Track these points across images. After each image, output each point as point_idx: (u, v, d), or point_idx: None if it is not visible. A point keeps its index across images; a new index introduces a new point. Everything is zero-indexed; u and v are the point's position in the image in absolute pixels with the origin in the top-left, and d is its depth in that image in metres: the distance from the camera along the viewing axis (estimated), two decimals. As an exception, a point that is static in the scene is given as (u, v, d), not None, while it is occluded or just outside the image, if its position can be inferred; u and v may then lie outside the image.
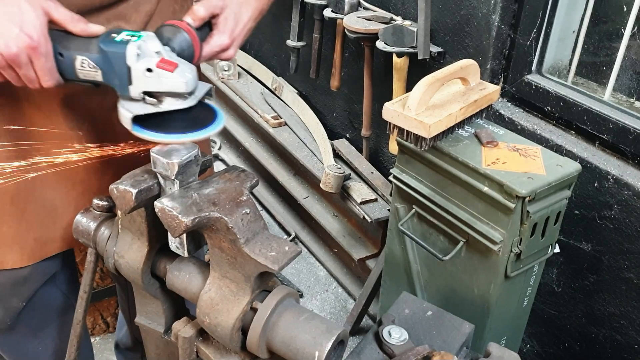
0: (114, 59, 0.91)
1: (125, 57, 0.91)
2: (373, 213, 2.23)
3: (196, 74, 0.96)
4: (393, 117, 1.51)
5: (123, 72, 0.92)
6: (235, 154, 3.43)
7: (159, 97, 0.94)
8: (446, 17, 2.01)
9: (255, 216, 0.90)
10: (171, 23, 1.00)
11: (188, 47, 1.00)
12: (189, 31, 1.00)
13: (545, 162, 1.48)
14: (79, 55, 0.92)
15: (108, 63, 0.92)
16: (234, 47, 1.14)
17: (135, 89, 0.93)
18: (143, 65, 0.91)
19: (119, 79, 0.92)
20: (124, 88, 0.93)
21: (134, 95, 0.93)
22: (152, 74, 0.91)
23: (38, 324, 1.39)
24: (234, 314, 0.90)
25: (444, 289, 1.71)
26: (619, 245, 1.64)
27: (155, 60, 0.92)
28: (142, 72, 0.91)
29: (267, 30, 3.36)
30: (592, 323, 1.80)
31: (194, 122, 0.97)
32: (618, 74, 1.70)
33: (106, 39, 0.92)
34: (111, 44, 0.91)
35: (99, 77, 0.93)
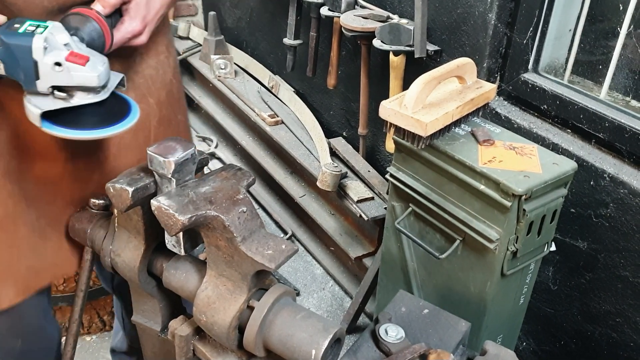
0: (18, 52, 0.85)
1: (30, 51, 0.84)
2: (370, 211, 2.23)
3: (108, 66, 0.91)
4: (390, 116, 1.51)
5: (29, 66, 0.85)
6: (231, 152, 3.43)
7: (70, 91, 0.89)
8: (443, 16, 2.01)
9: (251, 214, 0.90)
10: (78, 11, 0.93)
11: (98, 36, 0.94)
12: (98, 20, 0.94)
13: (542, 161, 1.48)
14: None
15: (11, 56, 0.85)
16: (147, 32, 1.06)
17: (42, 83, 0.87)
18: (51, 59, 0.85)
19: (24, 73, 0.86)
20: (30, 83, 0.87)
21: (41, 90, 0.88)
22: (62, 68, 0.86)
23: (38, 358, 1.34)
24: (230, 313, 0.90)
25: (440, 287, 1.71)
26: (614, 243, 1.65)
27: (64, 53, 0.86)
28: (50, 67, 0.86)
29: (264, 28, 3.35)
30: (588, 321, 1.81)
31: (108, 116, 0.92)
32: (614, 72, 1.71)
33: (8, 30, 0.85)
34: (14, 36, 0.85)
35: (0, 70, 0.87)
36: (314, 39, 2.59)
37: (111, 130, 0.92)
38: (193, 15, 4.21)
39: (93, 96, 0.90)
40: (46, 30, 0.85)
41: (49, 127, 0.89)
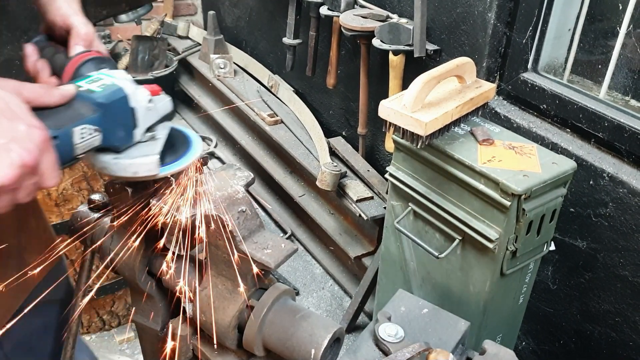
0: (118, 108, 0.77)
1: (127, 100, 0.78)
2: (369, 211, 2.23)
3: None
4: (389, 115, 1.51)
5: (127, 118, 0.79)
6: (231, 151, 3.43)
7: (152, 128, 0.84)
8: (442, 15, 2.01)
9: (251, 214, 0.90)
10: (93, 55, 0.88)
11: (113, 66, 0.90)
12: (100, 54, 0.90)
13: (541, 160, 1.48)
14: (76, 126, 0.73)
15: (111, 117, 0.76)
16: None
17: (140, 129, 0.81)
18: (144, 99, 0.80)
19: (124, 129, 0.79)
20: (128, 137, 0.80)
21: (138, 138, 0.81)
22: (152, 105, 0.82)
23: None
24: (230, 312, 0.90)
25: (439, 286, 1.71)
26: (614, 242, 1.65)
27: (142, 89, 0.81)
28: (145, 108, 0.80)
29: (264, 28, 3.35)
30: (588, 320, 1.81)
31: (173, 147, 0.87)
32: (613, 72, 1.71)
33: (96, 93, 0.76)
34: (109, 95, 0.76)
35: (96, 142, 0.76)
36: (314, 38, 2.59)
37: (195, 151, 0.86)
38: (192, 15, 4.21)
39: (168, 125, 0.86)
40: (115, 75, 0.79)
41: (167, 169, 0.82)
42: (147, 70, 3.53)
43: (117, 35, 3.91)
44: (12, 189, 0.65)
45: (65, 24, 0.94)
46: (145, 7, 3.19)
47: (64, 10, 0.95)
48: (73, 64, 0.86)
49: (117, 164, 0.79)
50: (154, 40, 3.57)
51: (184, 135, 0.89)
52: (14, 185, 0.65)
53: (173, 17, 4.07)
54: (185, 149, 0.86)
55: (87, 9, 1.90)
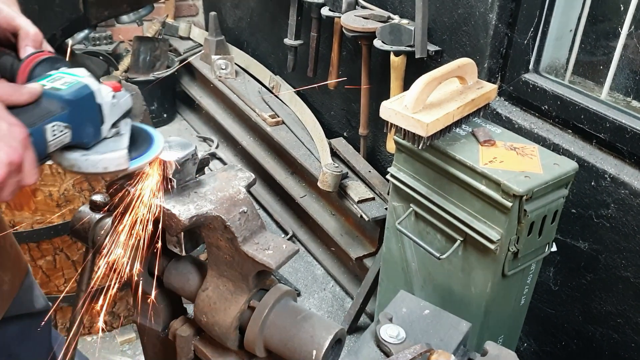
0: (85, 104, 0.78)
1: (94, 96, 0.79)
2: (370, 212, 2.23)
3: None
4: (390, 116, 1.51)
5: (94, 114, 0.80)
6: (232, 152, 3.43)
7: (116, 124, 0.84)
8: (444, 16, 2.01)
9: (252, 215, 0.90)
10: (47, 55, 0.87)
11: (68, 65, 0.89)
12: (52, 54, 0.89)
13: (543, 161, 1.48)
14: (48, 123, 0.74)
15: (79, 113, 0.77)
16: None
17: (107, 125, 0.82)
18: (108, 95, 0.81)
19: (92, 125, 0.80)
20: (96, 133, 0.81)
21: (106, 133, 0.82)
22: (115, 100, 0.82)
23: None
24: (231, 313, 0.90)
25: (441, 287, 1.71)
26: (615, 244, 1.65)
27: (104, 86, 0.81)
28: (110, 104, 0.81)
29: (265, 29, 3.36)
30: (589, 322, 1.81)
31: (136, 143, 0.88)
32: (615, 73, 1.71)
33: (63, 90, 0.77)
34: (76, 91, 0.77)
35: (67, 138, 0.77)
36: (315, 39, 2.59)
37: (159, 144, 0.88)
38: (194, 16, 4.21)
39: (129, 121, 0.86)
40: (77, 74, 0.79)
41: (134, 163, 0.83)
42: (149, 71, 3.53)
43: (118, 36, 3.91)
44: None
45: (10, 25, 0.92)
46: (146, 8, 3.20)
47: (5, 12, 0.93)
48: (27, 65, 0.85)
49: (86, 161, 0.80)
50: (156, 41, 3.58)
51: (144, 130, 0.90)
52: (2, 184, 0.66)
53: (174, 18, 4.07)
54: (148, 143, 0.87)
55: (89, 10, 1.91)
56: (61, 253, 2.01)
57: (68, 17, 1.90)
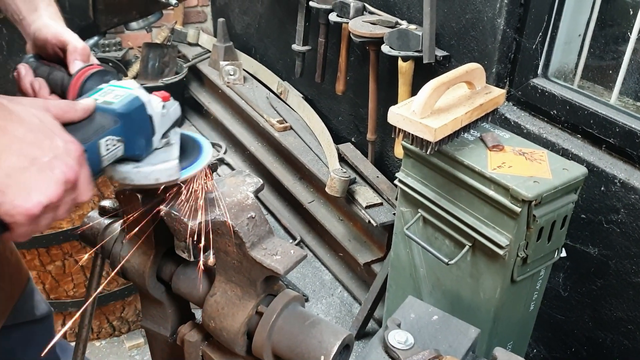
0: (137, 117, 0.78)
1: (145, 108, 0.79)
2: (378, 217, 2.23)
3: None
4: (398, 121, 1.51)
5: (146, 126, 0.80)
6: (240, 158, 3.44)
7: (166, 134, 0.85)
8: (451, 21, 2.01)
9: (260, 220, 0.90)
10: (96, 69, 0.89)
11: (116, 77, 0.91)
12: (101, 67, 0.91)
13: (552, 166, 1.47)
14: (102, 138, 0.74)
15: (131, 126, 0.78)
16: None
17: (157, 136, 0.82)
18: (158, 106, 0.81)
19: (144, 137, 0.80)
20: (148, 145, 0.81)
21: (157, 144, 0.82)
22: (165, 111, 0.83)
23: None
24: (239, 318, 0.90)
25: (450, 293, 1.70)
26: (626, 249, 1.63)
27: (154, 97, 0.82)
28: (160, 115, 0.82)
29: (273, 35, 3.37)
30: (600, 328, 1.79)
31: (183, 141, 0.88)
32: (624, 77, 1.70)
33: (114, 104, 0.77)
34: (127, 104, 0.77)
35: (120, 152, 0.77)
36: (323, 45, 2.60)
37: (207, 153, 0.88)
38: (202, 22, 4.24)
39: (178, 130, 0.87)
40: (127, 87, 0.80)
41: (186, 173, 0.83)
42: (157, 78, 3.55)
43: (127, 42, 3.94)
44: (55, 206, 0.66)
45: (58, 41, 0.94)
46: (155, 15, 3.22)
47: (54, 28, 0.95)
48: (77, 80, 0.87)
49: (138, 173, 0.80)
50: (164, 48, 3.60)
51: (192, 139, 0.90)
52: (58, 202, 0.66)
53: (183, 25, 4.10)
54: (196, 152, 0.88)
55: (98, 17, 1.93)
56: (70, 258, 2.02)
57: (78, 24, 1.92)
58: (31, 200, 0.62)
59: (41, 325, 1.44)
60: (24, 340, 1.41)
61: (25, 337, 1.40)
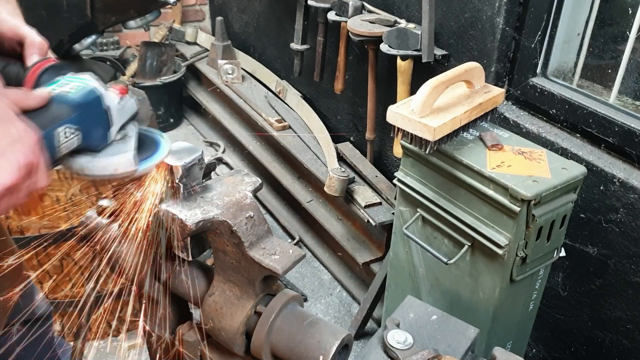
0: (94, 108, 0.79)
1: (101, 100, 0.80)
2: (377, 216, 2.23)
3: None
4: (397, 120, 1.51)
5: (103, 117, 0.81)
6: (239, 157, 3.43)
7: (123, 127, 0.85)
8: (450, 20, 2.01)
9: (259, 220, 0.90)
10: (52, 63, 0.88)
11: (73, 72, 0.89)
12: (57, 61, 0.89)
13: (551, 165, 1.47)
14: (58, 127, 0.75)
15: (88, 117, 0.78)
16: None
17: (114, 129, 0.83)
18: (114, 99, 0.82)
19: (100, 128, 0.81)
20: (104, 137, 0.81)
21: (113, 137, 0.83)
22: (122, 104, 0.83)
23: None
24: (238, 318, 0.90)
25: (449, 292, 1.70)
26: (625, 249, 1.63)
27: (110, 90, 0.82)
28: (117, 108, 0.82)
29: (271, 34, 3.36)
30: (599, 327, 1.79)
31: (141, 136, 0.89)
32: (623, 76, 1.70)
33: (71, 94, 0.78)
34: (84, 95, 0.78)
35: (77, 142, 0.78)
36: (321, 43, 2.59)
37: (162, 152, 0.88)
38: (200, 21, 4.23)
39: (136, 125, 0.87)
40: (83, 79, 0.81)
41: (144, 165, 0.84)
42: (156, 76, 3.55)
43: (125, 41, 3.93)
44: (13, 191, 0.67)
45: (16, 35, 0.94)
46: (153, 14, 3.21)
47: (11, 22, 0.95)
48: (33, 73, 0.86)
49: (95, 164, 0.81)
50: (162, 46, 3.59)
51: (150, 134, 0.91)
52: (16, 186, 0.67)
53: (181, 23, 4.09)
54: (155, 146, 0.89)
55: (96, 16, 1.92)
56: (68, 258, 2.02)
57: (76, 23, 1.91)
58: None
59: (41, 324, 1.44)
60: (24, 340, 1.40)
61: (25, 337, 1.40)
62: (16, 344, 1.39)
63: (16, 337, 1.38)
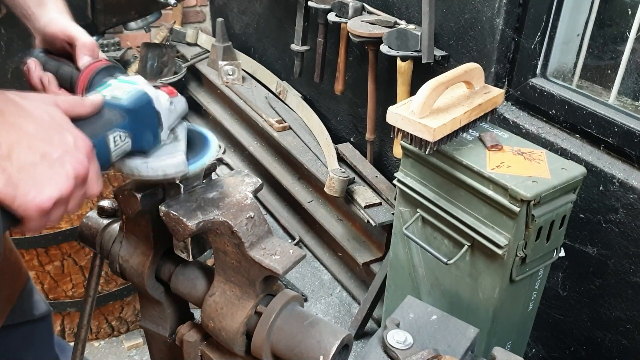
0: (144, 112, 0.79)
1: (152, 103, 0.80)
2: (377, 217, 2.23)
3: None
4: (397, 121, 1.51)
5: (154, 121, 0.81)
6: (239, 158, 3.43)
7: (173, 129, 0.86)
8: (450, 21, 2.01)
9: (259, 220, 0.90)
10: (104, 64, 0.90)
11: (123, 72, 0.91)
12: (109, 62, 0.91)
13: (550, 166, 1.47)
14: (110, 133, 0.75)
15: (139, 121, 0.79)
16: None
17: (165, 130, 0.83)
18: (165, 100, 0.82)
19: (151, 132, 0.81)
20: (156, 139, 0.82)
21: (164, 139, 0.83)
22: (171, 106, 0.83)
23: None
24: (238, 318, 0.90)
25: (448, 293, 1.70)
26: (624, 249, 1.63)
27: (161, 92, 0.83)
28: (167, 109, 0.82)
29: (272, 35, 3.37)
30: (598, 327, 1.79)
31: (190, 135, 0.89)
32: (623, 77, 1.70)
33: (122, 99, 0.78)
34: (135, 100, 0.78)
35: (128, 146, 0.78)
36: (321, 45, 2.60)
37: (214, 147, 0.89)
38: (201, 22, 4.23)
39: (185, 124, 0.88)
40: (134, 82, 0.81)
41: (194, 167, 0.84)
42: (156, 77, 3.55)
43: (126, 42, 3.94)
44: (65, 201, 0.67)
45: (66, 35, 0.94)
46: (154, 15, 3.22)
47: (61, 22, 0.96)
48: (86, 75, 0.87)
49: (146, 167, 0.81)
50: (163, 48, 3.59)
51: (198, 132, 0.91)
52: (69, 196, 0.67)
53: (182, 25, 4.10)
54: (204, 145, 0.89)
55: (97, 17, 1.92)
56: (69, 258, 2.02)
57: (76, 24, 1.92)
58: (43, 195, 0.63)
59: (40, 325, 1.44)
60: (23, 340, 1.41)
61: (25, 337, 1.40)
62: (16, 344, 1.39)
63: (16, 338, 1.39)
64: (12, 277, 1.31)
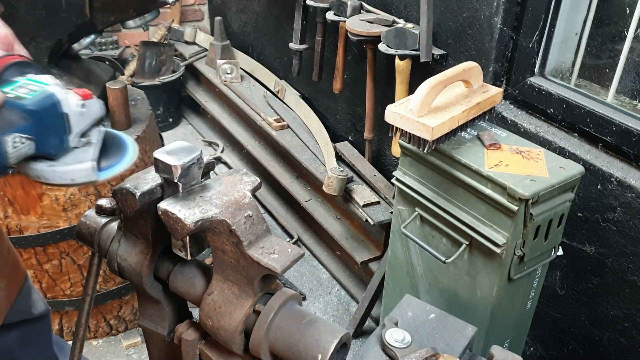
0: (49, 115, 0.75)
1: (59, 106, 0.76)
2: (376, 215, 2.23)
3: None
4: (395, 120, 1.51)
5: (60, 124, 0.76)
6: (237, 156, 3.43)
7: (86, 133, 0.81)
8: (448, 20, 2.01)
9: (257, 219, 0.90)
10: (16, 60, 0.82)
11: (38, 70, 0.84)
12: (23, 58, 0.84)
13: (548, 165, 1.48)
14: (7, 135, 0.71)
15: (43, 124, 0.74)
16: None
17: (74, 135, 0.79)
18: (75, 103, 0.77)
19: (57, 136, 0.76)
20: (62, 143, 0.77)
21: (73, 143, 0.79)
22: (84, 109, 0.79)
23: None
24: (236, 317, 0.90)
25: (447, 291, 1.71)
26: (622, 247, 1.64)
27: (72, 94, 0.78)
28: (77, 113, 0.78)
29: (270, 33, 3.36)
30: (596, 326, 1.80)
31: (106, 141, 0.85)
32: (621, 76, 1.70)
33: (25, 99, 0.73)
34: (39, 101, 0.73)
35: (29, 150, 0.74)
36: (320, 43, 2.60)
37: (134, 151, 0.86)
38: (199, 21, 4.23)
39: (101, 129, 0.84)
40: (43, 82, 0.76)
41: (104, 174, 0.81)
42: (154, 76, 3.55)
43: (124, 41, 3.93)
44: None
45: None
46: (152, 13, 3.21)
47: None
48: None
49: (52, 172, 0.78)
50: (161, 46, 3.59)
51: (118, 138, 0.88)
52: None
53: (180, 23, 4.09)
54: (121, 152, 0.85)
55: (95, 15, 1.92)
56: (67, 257, 2.02)
57: (74, 22, 1.91)
58: None
59: (38, 324, 1.44)
60: (22, 339, 1.41)
61: (23, 336, 1.40)
62: (14, 343, 1.39)
63: (14, 337, 1.38)
64: (10, 276, 1.31)
